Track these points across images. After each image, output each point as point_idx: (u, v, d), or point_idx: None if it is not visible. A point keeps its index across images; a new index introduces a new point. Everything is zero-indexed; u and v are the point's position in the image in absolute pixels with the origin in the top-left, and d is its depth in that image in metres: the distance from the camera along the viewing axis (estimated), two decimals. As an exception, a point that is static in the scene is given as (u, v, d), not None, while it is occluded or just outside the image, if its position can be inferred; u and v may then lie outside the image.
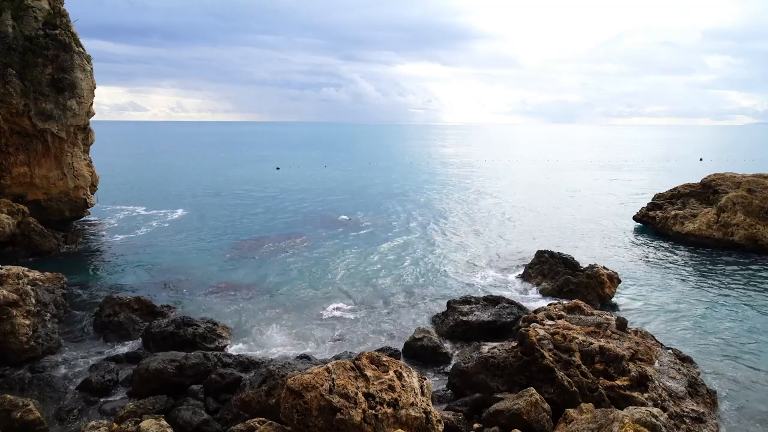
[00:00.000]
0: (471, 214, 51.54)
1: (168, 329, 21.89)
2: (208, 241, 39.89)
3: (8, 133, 38.26)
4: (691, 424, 14.92)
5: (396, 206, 55.77)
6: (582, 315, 20.15)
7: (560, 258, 29.13)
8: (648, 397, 15.44)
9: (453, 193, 66.39)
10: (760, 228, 36.30)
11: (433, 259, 35.14)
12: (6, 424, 14.83)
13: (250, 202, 58.08)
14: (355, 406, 12.52)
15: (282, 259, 34.81)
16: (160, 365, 17.86)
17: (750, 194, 37.71)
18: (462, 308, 23.94)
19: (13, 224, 34.70)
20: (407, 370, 14.20)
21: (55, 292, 23.99)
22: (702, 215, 39.64)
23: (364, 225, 46.05)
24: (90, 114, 42.52)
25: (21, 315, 20.66)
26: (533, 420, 14.63)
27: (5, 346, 19.93)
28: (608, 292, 26.85)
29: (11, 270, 22.64)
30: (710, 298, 27.50)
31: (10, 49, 37.23)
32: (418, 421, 12.95)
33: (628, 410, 12.87)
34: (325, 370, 13.28)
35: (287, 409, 12.78)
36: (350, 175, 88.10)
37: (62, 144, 40.73)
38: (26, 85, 37.62)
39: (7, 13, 37.48)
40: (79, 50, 40.54)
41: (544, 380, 16.40)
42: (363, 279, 30.81)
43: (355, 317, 25.27)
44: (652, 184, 69.53)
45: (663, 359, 17.73)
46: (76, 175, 42.00)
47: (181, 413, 15.80)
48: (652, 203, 46.00)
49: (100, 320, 23.12)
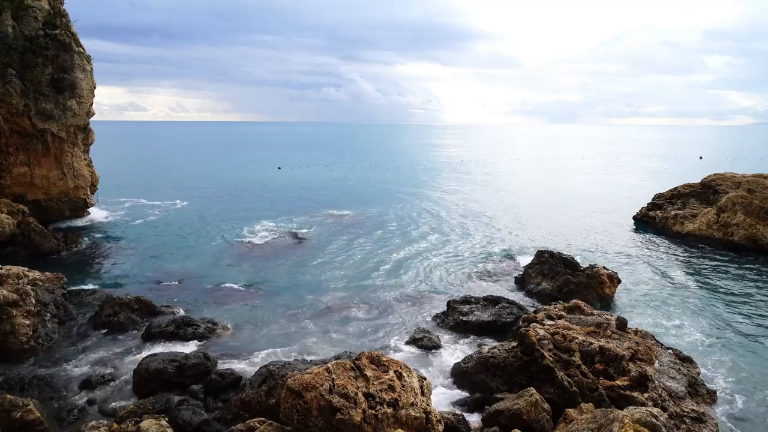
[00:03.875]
0: (471, 214, 51.53)
1: (168, 329, 21.91)
2: (209, 240, 39.88)
3: (8, 133, 38.27)
4: (691, 424, 14.92)
5: (396, 206, 55.77)
6: (582, 315, 20.15)
7: (560, 258, 29.13)
8: (648, 397, 15.44)
9: (452, 193, 66.37)
10: (760, 228, 36.30)
11: (433, 259, 35.13)
12: (6, 424, 14.84)
13: (251, 202, 58.08)
14: (355, 406, 12.52)
15: (281, 258, 34.80)
16: (160, 365, 17.86)
17: (750, 194, 37.71)
18: (462, 308, 23.94)
19: (13, 224, 34.70)
20: (407, 370, 14.20)
21: (55, 292, 23.99)
22: (702, 215, 39.64)
23: (365, 225, 46.04)
24: (90, 114, 42.54)
25: (21, 315, 20.67)
26: (533, 420, 14.63)
27: (5, 346, 19.94)
28: (608, 292, 26.85)
29: (11, 270, 22.65)
30: (710, 298, 27.50)
31: (10, 49, 37.25)
32: (418, 421, 12.95)
33: (628, 410, 12.87)
34: (325, 370, 13.28)
35: (287, 409, 12.79)
36: (350, 174, 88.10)
37: (62, 144, 40.74)
38: (26, 85, 37.63)
39: (7, 13, 37.50)
40: (79, 50, 40.56)
41: (544, 380, 16.41)
42: (363, 278, 30.80)
43: (356, 317, 25.26)
44: (652, 184, 69.53)
45: (663, 359, 17.73)
46: (76, 175, 42.02)
47: (181, 413, 15.79)
48: (652, 203, 46.02)
49: (100, 320, 23.12)
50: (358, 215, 50.30)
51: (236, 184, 73.71)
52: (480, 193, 66.54)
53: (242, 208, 54.42)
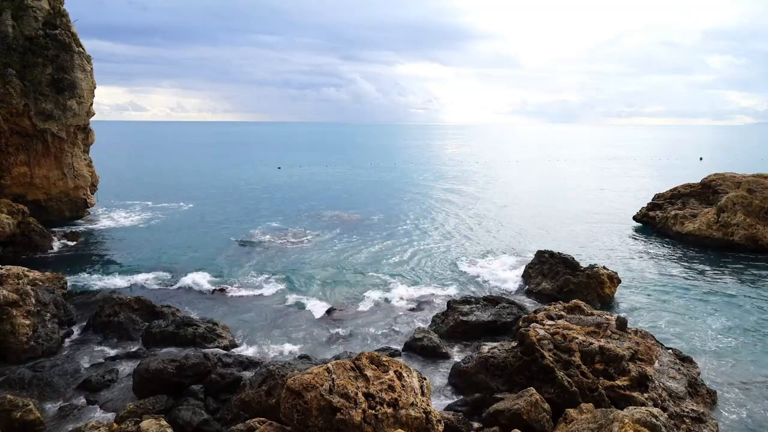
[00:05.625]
0: (471, 214, 51.54)
1: (168, 329, 21.91)
2: (209, 240, 39.88)
3: (8, 133, 38.28)
4: (691, 424, 14.92)
5: (396, 206, 55.78)
6: (582, 315, 20.14)
7: (560, 258, 29.11)
8: (648, 397, 15.44)
9: (452, 193, 66.37)
10: (760, 228, 36.29)
11: (433, 259, 35.14)
12: (6, 424, 14.84)
13: (251, 202, 58.09)
14: (355, 406, 12.52)
15: (281, 258, 34.81)
16: (160, 365, 17.84)
17: (750, 194, 37.71)
18: (462, 308, 23.93)
19: (13, 224, 34.70)
20: (407, 370, 14.19)
21: (55, 292, 23.98)
22: (702, 215, 39.62)
23: (365, 225, 46.04)
24: (90, 114, 42.55)
25: (21, 315, 20.66)
26: (533, 420, 14.63)
27: (5, 346, 19.94)
28: (608, 292, 26.84)
29: (11, 270, 22.64)
30: (710, 298, 27.49)
31: (10, 49, 37.26)
32: (418, 421, 12.95)
33: (628, 410, 12.86)
34: (325, 370, 13.28)
35: (287, 409, 12.78)
36: (350, 174, 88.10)
37: (62, 144, 40.75)
38: (26, 85, 37.64)
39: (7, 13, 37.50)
40: (79, 50, 40.58)
41: (544, 380, 16.41)
42: (363, 278, 30.80)
43: (356, 317, 25.27)
44: (652, 184, 69.52)
45: (663, 359, 17.73)
46: (76, 175, 42.03)
47: (181, 413, 15.80)
48: (652, 203, 46.00)
49: (100, 320, 23.10)
50: (358, 215, 50.30)
51: (236, 183, 73.71)
52: (480, 193, 66.53)
53: (242, 207, 54.43)
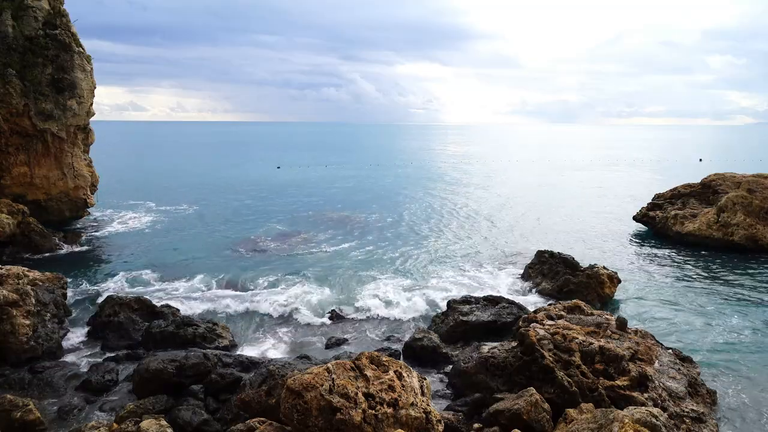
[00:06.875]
0: (471, 214, 51.54)
1: (168, 329, 21.91)
2: (209, 240, 39.88)
3: (8, 133, 38.26)
4: (691, 424, 14.92)
5: (396, 206, 55.77)
6: (582, 315, 20.14)
7: (560, 258, 29.12)
8: (648, 397, 15.44)
9: (453, 193, 66.36)
10: (760, 228, 36.29)
11: (432, 259, 35.13)
12: (6, 424, 14.84)
13: (251, 202, 58.09)
14: (355, 406, 12.52)
15: (281, 258, 34.81)
16: (160, 365, 17.85)
17: (750, 194, 37.70)
18: (462, 308, 23.93)
19: (13, 224, 34.69)
20: (407, 370, 14.19)
21: (55, 292, 23.96)
22: (702, 215, 39.61)
23: (365, 225, 46.04)
24: (90, 114, 42.52)
25: (21, 315, 20.65)
26: (533, 420, 14.63)
27: (5, 346, 19.92)
28: (608, 292, 26.84)
29: (11, 270, 22.62)
30: (710, 298, 27.49)
31: (10, 49, 37.23)
32: (418, 421, 12.95)
33: (628, 410, 12.86)
34: (325, 370, 13.28)
35: (287, 409, 12.78)
36: (351, 175, 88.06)
37: (62, 144, 40.73)
38: (26, 85, 37.62)
39: (7, 13, 37.48)
40: (79, 50, 40.54)
41: (544, 380, 16.40)
42: (363, 278, 30.79)
43: (356, 316, 25.28)
44: (652, 184, 69.51)
45: (663, 359, 17.72)
46: (76, 175, 42.00)
47: (181, 413, 15.80)
48: (652, 203, 45.98)
49: (100, 320, 23.11)
50: (358, 215, 50.29)
51: (236, 183, 73.66)
52: (480, 193, 66.51)
53: (241, 207, 54.42)
